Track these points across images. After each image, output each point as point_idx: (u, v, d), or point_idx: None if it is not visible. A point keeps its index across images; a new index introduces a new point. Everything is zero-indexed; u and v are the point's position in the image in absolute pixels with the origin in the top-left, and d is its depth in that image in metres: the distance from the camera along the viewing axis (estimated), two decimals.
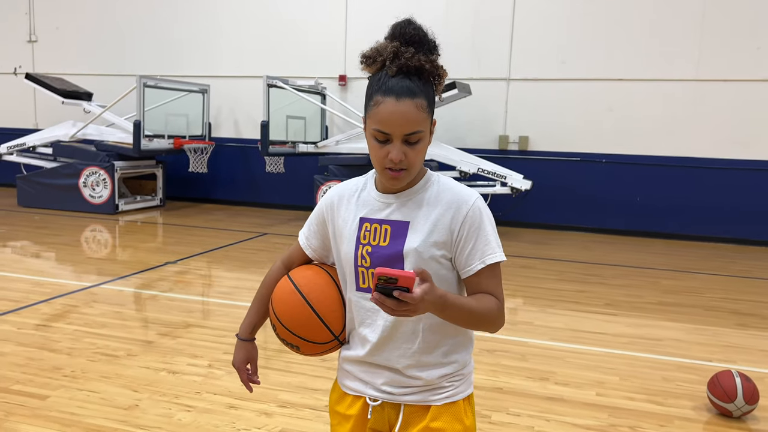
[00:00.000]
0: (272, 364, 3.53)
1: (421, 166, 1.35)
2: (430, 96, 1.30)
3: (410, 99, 1.25)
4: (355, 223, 1.39)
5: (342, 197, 1.44)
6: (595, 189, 8.52)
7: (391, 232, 1.34)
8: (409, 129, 1.26)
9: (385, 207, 1.37)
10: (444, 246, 1.33)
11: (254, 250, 6.76)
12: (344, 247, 1.40)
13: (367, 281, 1.37)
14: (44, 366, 3.38)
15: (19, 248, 6.46)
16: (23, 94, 10.62)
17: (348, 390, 1.46)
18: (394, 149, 1.26)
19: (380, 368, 1.40)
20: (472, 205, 1.33)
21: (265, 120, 7.91)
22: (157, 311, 4.44)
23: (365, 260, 1.36)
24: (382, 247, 1.34)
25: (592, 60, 8.38)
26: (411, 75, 1.27)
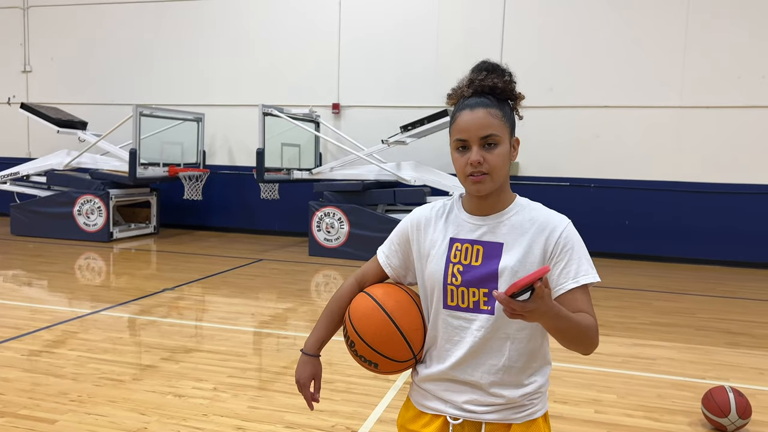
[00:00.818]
0: (276, 387, 3.58)
1: (506, 177, 1.42)
2: (506, 111, 1.41)
3: (483, 108, 1.38)
4: (445, 243, 1.44)
5: (429, 218, 1.50)
6: (585, 213, 8.68)
7: (483, 252, 1.40)
8: (483, 132, 1.36)
9: (476, 228, 1.43)
10: (538, 265, 1.38)
11: (251, 276, 6.82)
12: (432, 266, 1.44)
13: (456, 299, 1.41)
14: (50, 391, 3.41)
15: (15, 277, 6.47)
16: (17, 123, 10.69)
17: (426, 410, 1.48)
18: (473, 153, 1.37)
19: (462, 385, 1.43)
20: (565, 228, 1.40)
21: (260, 147, 8.02)
22: (158, 336, 4.48)
23: (456, 278, 1.41)
24: (475, 266, 1.40)
25: (579, 88, 8.62)
26: (485, 94, 1.40)
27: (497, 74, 1.42)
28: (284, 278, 6.75)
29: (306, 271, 7.19)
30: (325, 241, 7.99)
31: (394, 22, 9.20)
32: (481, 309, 1.40)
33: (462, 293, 1.40)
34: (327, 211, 7.97)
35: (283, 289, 6.23)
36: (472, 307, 1.41)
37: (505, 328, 1.40)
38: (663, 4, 8.30)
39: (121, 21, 10.34)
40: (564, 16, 8.63)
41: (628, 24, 8.42)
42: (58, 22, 10.67)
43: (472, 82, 1.42)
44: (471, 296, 1.40)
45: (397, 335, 1.45)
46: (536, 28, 8.71)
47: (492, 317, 1.39)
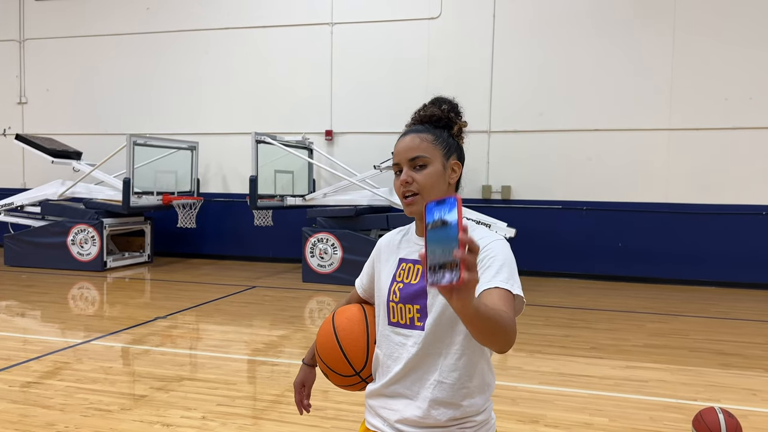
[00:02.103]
0: (267, 415, 3.56)
1: (440, 193, 1.47)
2: (442, 136, 1.51)
3: (415, 134, 1.50)
4: (395, 263, 1.56)
5: (390, 241, 1.62)
6: (578, 236, 8.72)
7: (422, 271, 1.48)
8: (410, 154, 1.47)
9: (420, 248, 1.48)
10: None
11: (244, 303, 6.80)
12: (381, 285, 1.56)
13: (396, 316, 1.49)
14: (37, 422, 3.39)
15: (7, 307, 6.44)
16: (12, 154, 10.74)
17: (369, 426, 1.55)
18: (402, 174, 1.47)
19: (397, 401, 1.47)
20: (492, 241, 1.44)
21: (253, 175, 8.07)
22: (148, 365, 4.46)
23: (395, 295, 1.50)
24: (412, 284, 1.48)
25: (569, 111, 8.72)
26: (424, 122, 1.54)
27: (437, 105, 1.55)
28: (277, 305, 6.73)
29: (299, 298, 7.18)
30: (319, 267, 8.00)
31: (385, 49, 9.34)
32: (416, 325, 1.46)
33: (401, 309, 1.48)
34: (320, 237, 7.98)
35: (276, 315, 6.21)
36: (408, 324, 1.47)
37: (437, 343, 1.45)
38: (649, 27, 8.45)
39: (115, 52, 10.47)
40: (552, 42, 8.77)
41: (616, 48, 8.56)
42: (52, 54, 10.79)
43: (414, 115, 1.56)
44: (407, 312, 1.47)
45: (337, 349, 1.59)
46: (525, 54, 8.85)
47: (422, 333, 1.44)
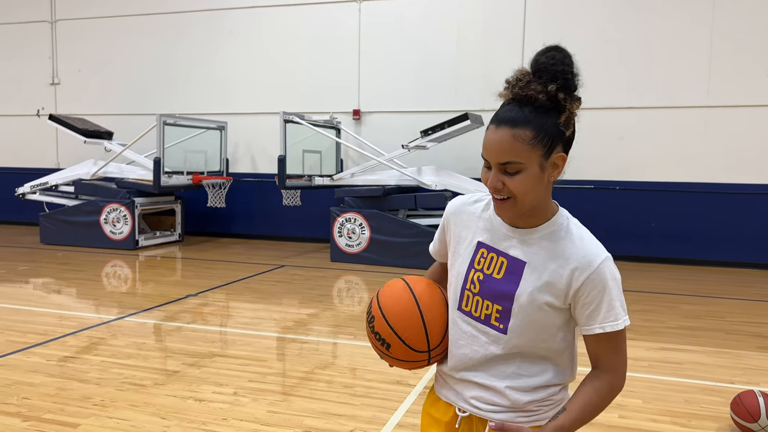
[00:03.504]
0: (297, 391, 3.58)
1: (538, 200, 1.29)
2: (545, 128, 1.24)
3: (509, 128, 1.23)
4: (472, 244, 1.39)
5: (466, 210, 1.45)
6: (610, 216, 8.55)
7: (506, 266, 1.33)
8: (501, 158, 1.24)
9: (505, 238, 1.35)
10: (558, 298, 1.30)
11: (273, 282, 6.85)
12: (458, 265, 1.41)
13: (470, 305, 1.37)
14: (74, 395, 3.46)
15: (44, 284, 6.59)
16: (46, 134, 10.94)
17: (442, 396, 1.48)
18: (492, 176, 1.27)
19: (471, 384, 1.42)
20: (598, 266, 1.27)
21: (282, 154, 8.08)
22: (180, 342, 4.52)
23: (474, 286, 1.36)
24: (496, 279, 1.34)
25: (603, 89, 8.51)
26: (524, 105, 1.24)
27: (543, 80, 1.24)
28: (306, 284, 6.77)
29: (328, 277, 7.20)
30: (347, 246, 8.00)
31: (413, 27, 9.21)
32: (492, 324, 1.36)
33: (477, 302, 1.36)
34: (348, 217, 7.98)
35: (305, 294, 6.24)
36: (483, 319, 1.36)
37: (519, 345, 1.35)
38: (688, 1, 8.16)
39: (145, 32, 10.53)
40: (586, 17, 8.54)
41: (653, 23, 8.30)
42: (84, 35, 10.90)
43: (512, 87, 1.26)
44: (484, 308, 1.36)
45: (419, 321, 1.42)
46: (558, 30, 8.63)
47: (503, 336, 1.35)
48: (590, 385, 1.33)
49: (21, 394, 3.46)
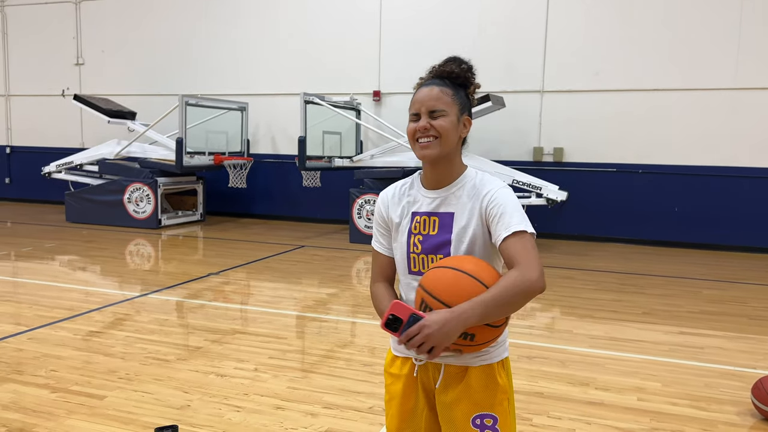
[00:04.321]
0: (317, 369, 3.63)
1: (454, 147, 1.57)
2: (459, 95, 1.58)
3: (436, 86, 1.56)
4: (408, 216, 1.63)
5: (394, 195, 1.69)
6: (632, 200, 8.46)
7: (439, 222, 1.58)
8: (431, 106, 1.54)
9: (431, 201, 1.61)
10: (479, 227, 1.55)
11: (293, 262, 6.91)
12: (399, 238, 1.64)
13: (417, 265, 1.59)
14: (100, 369, 3.55)
15: (70, 261, 6.73)
16: (71, 114, 11.09)
17: (397, 353, 1.66)
18: (421, 120, 1.55)
19: None
20: (495, 192, 1.55)
21: (302, 135, 8.10)
22: (202, 319, 4.60)
23: (417, 247, 1.59)
24: (432, 236, 1.58)
25: (627, 70, 8.37)
26: (443, 77, 1.59)
27: (456, 63, 1.60)
28: (326, 264, 6.82)
29: (347, 258, 7.25)
30: (366, 228, 8.03)
31: (435, 8, 9.11)
32: None
33: (422, 260, 1.58)
34: (367, 198, 7.99)
35: (324, 274, 6.30)
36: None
37: None
38: None
39: (168, 13, 10.57)
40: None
41: (679, 2, 8.11)
42: (108, 16, 10.98)
43: (433, 69, 1.62)
44: (429, 262, 1.57)
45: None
46: (582, 10, 8.49)
47: None
48: (503, 276, 1.45)
49: (49, 367, 3.56)
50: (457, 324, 1.35)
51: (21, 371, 3.49)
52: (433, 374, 1.59)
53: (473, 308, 1.36)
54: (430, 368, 1.59)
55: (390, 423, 1.66)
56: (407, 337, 1.35)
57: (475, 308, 1.36)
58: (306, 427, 2.89)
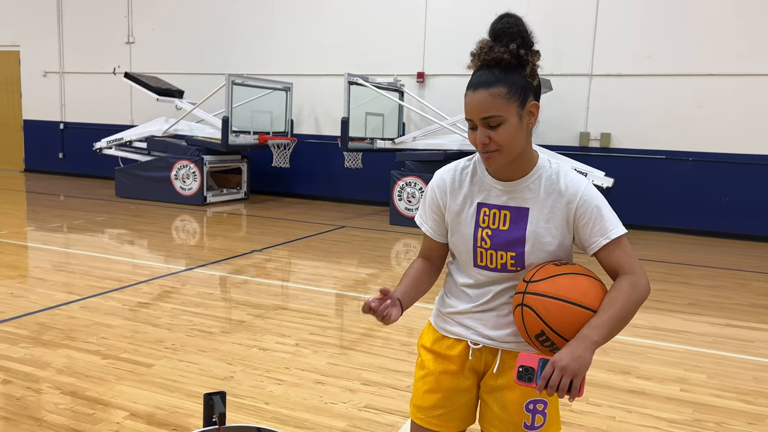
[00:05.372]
0: (356, 346, 3.68)
1: (521, 147, 1.42)
2: (516, 82, 1.39)
3: (485, 89, 1.38)
4: (473, 207, 1.52)
5: (454, 180, 1.56)
6: (681, 188, 8.22)
7: (510, 217, 1.48)
8: (483, 114, 1.38)
9: (502, 194, 1.49)
10: (559, 229, 1.46)
11: (334, 242, 6.98)
12: (463, 229, 1.53)
13: (485, 260, 1.51)
14: (148, 338, 3.68)
15: (119, 235, 6.95)
16: (121, 92, 11.38)
17: (449, 334, 1.60)
18: (478, 134, 1.41)
19: (485, 318, 1.54)
20: (584, 191, 1.44)
21: (345, 116, 8.12)
22: (245, 294, 4.70)
23: (485, 242, 1.49)
24: (503, 231, 1.48)
25: (680, 54, 8.09)
26: (492, 67, 1.40)
27: (504, 42, 1.40)
28: (366, 245, 6.86)
29: (386, 239, 7.28)
30: (406, 210, 8.03)
31: None
32: (509, 269, 1.49)
33: (491, 255, 1.49)
34: (408, 181, 7.99)
35: (364, 255, 6.34)
36: (500, 268, 1.50)
37: None
38: None
39: None
40: None
41: None
42: None
43: (478, 56, 1.42)
44: (499, 258, 1.49)
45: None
46: None
47: (521, 273, 1.48)
48: (611, 289, 1.40)
49: (100, 334, 3.71)
50: (585, 350, 1.30)
51: (74, 338, 3.64)
52: (486, 359, 1.56)
53: (600, 332, 1.32)
54: (484, 352, 1.56)
55: (423, 398, 1.60)
56: (545, 380, 1.29)
57: (599, 329, 1.32)
58: (345, 402, 2.94)
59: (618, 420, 2.85)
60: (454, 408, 1.58)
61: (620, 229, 1.43)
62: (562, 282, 1.39)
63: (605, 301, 1.36)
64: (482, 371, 1.57)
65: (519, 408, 1.51)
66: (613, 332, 1.34)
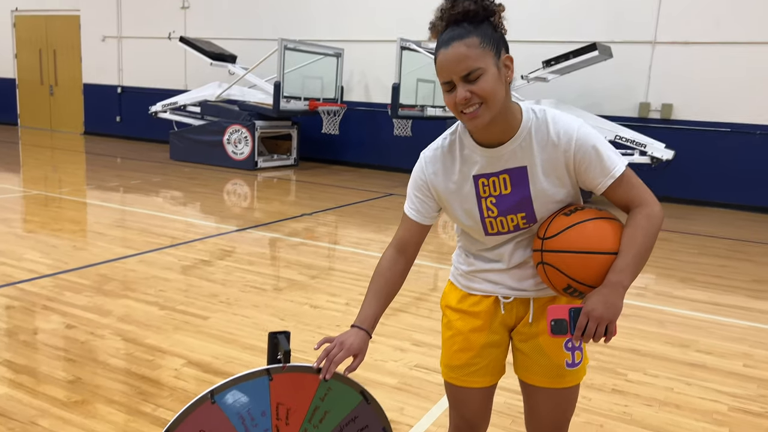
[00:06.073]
0: (406, 308, 3.68)
1: (504, 100, 1.33)
2: (487, 33, 1.31)
3: (458, 42, 1.29)
4: (469, 181, 1.44)
5: (444, 161, 1.46)
6: (746, 163, 7.85)
7: (510, 179, 1.41)
8: (462, 69, 1.28)
9: (496, 160, 1.40)
10: (562, 177, 1.40)
11: (382, 208, 6.97)
12: (465, 205, 1.45)
13: (496, 227, 1.45)
14: (203, 292, 3.76)
15: (173, 196, 7.11)
16: (176, 57, 11.55)
17: (475, 292, 1.54)
18: (458, 91, 1.30)
19: (511, 272, 1.50)
20: (577, 135, 1.36)
21: (396, 82, 8.03)
22: (296, 254, 4.75)
23: (492, 211, 1.43)
24: (506, 195, 1.42)
25: (752, 21, 7.64)
26: (460, 22, 1.31)
27: None
28: None
29: None
30: None
31: None
32: (522, 228, 1.44)
33: (501, 222, 1.44)
34: None
35: None
36: (513, 229, 1.45)
37: None
38: None
39: None
40: None
41: None
42: None
43: (442, 17, 1.33)
44: (510, 222, 1.44)
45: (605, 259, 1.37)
46: None
47: (536, 225, 1.44)
48: (627, 226, 1.37)
49: (157, 287, 3.81)
50: (617, 296, 1.30)
51: (133, 289, 3.76)
52: (518, 311, 1.52)
53: (626, 275, 1.31)
54: (515, 305, 1.52)
55: (454, 358, 1.56)
56: (580, 330, 1.30)
57: (626, 271, 1.31)
58: (396, 360, 2.95)
59: (676, 391, 2.77)
60: (486, 363, 1.56)
61: (622, 165, 1.38)
62: (577, 233, 1.35)
63: (624, 241, 1.33)
64: (513, 324, 1.54)
65: (559, 349, 1.50)
66: (639, 270, 1.33)
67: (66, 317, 3.27)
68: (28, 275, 3.91)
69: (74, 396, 2.49)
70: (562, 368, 1.50)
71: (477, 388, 1.57)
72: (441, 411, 2.52)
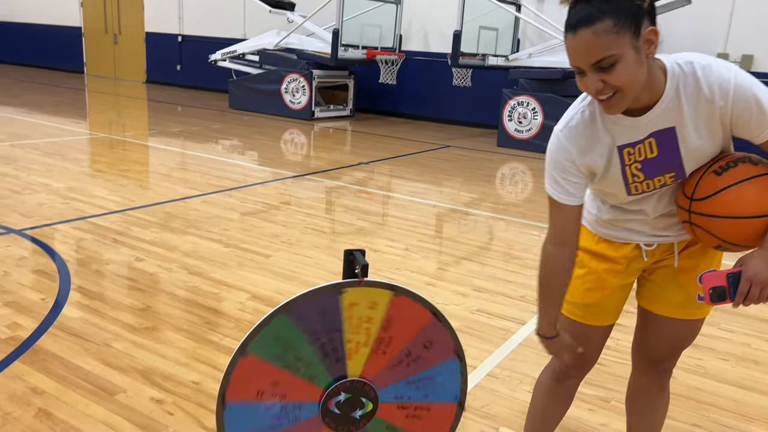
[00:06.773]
0: (466, 256, 3.63)
1: (643, 82, 1.20)
2: (624, 8, 1.13)
3: (586, 28, 1.14)
4: (614, 154, 1.33)
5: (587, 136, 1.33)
6: None
7: (657, 143, 1.29)
8: (592, 59, 1.15)
9: (641, 128, 1.29)
10: (716, 132, 1.28)
11: (439, 160, 6.87)
12: (609, 177, 1.36)
13: (641, 189, 1.35)
14: (265, 232, 3.81)
15: (233, 142, 7.20)
16: (235, 5, 11.53)
17: (615, 239, 1.48)
18: (589, 80, 1.18)
19: (653, 221, 1.44)
20: (734, 85, 1.21)
21: (458, 29, 7.79)
22: (354, 201, 4.75)
23: (638, 177, 1.34)
24: (652, 158, 1.31)
25: None
26: (590, 1, 1.14)
27: None
28: (472, 165, 6.70)
29: (493, 160, 7.06)
30: (516, 132, 7.73)
31: None
32: (668, 185, 1.35)
33: (647, 184, 1.34)
34: (521, 100, 7.63)
35: (469, 174, 6.20)
36: (659, 188, 1.36)
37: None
38: None
39: None
40: None
41: None
42: None
43: None
44: (656, 183, 1.34)
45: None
46: None
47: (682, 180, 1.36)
48: None
49: (221, 226, 3.88)
50: None
51: (198, 227, 3.84)
52: (660, 254, 1.47)
53: None
54: (657, 250, 1.46)
55: (584, 296, 1.52)
56: (742, 296, 1.25)
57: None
58: (457, 304, 2.92)
59: (754, 347, 2.64)
60: (614, 303, 1.53)
61: None
62: (730, 198, 1.25)
63: None
64: (650, 265, 1.50)
65: (693, 282, 1.46)
66: None
67: (135, 250, 3.37)
68: (98, 210, 4.05)
69: (145, 323, 2.57)
70: (695, 300, 1.47)
71: (600, 326, 1.56)
72: (504, 354, 2.49)
